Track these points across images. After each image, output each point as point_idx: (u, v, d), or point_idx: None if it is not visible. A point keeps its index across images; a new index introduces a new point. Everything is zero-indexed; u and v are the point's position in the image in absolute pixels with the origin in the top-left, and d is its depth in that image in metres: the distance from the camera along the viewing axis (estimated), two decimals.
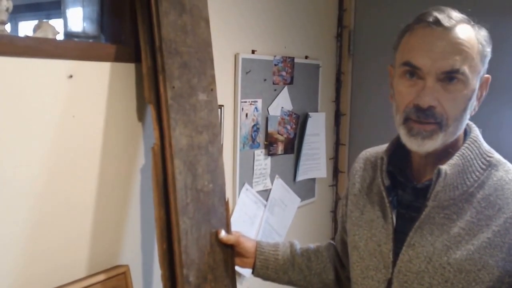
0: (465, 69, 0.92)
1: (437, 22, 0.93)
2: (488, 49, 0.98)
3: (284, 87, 1.95)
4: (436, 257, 0.95)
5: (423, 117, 0.94)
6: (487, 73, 1.00)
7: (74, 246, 1.16)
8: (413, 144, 0.97)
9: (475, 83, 0.95)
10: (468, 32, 0.95)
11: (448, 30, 0.93)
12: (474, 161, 0.98)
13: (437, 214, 0.97)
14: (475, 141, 1.00)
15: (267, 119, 1.87)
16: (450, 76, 0.92)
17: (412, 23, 0.98)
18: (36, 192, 1.06)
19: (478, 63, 0.95)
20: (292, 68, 1.97)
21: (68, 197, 1.13)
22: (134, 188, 1.30)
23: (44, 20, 1.13)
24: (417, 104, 0.94)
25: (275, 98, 1.90)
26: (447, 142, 0.97)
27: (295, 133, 2.05)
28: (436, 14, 0.94)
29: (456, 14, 0.96)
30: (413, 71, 0.95)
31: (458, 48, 0.93)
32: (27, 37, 1.08)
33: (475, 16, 0.99)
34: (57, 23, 1.17)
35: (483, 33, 0.97)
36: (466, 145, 0.99)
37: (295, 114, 2.02)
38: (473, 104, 0.98)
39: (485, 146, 1.02)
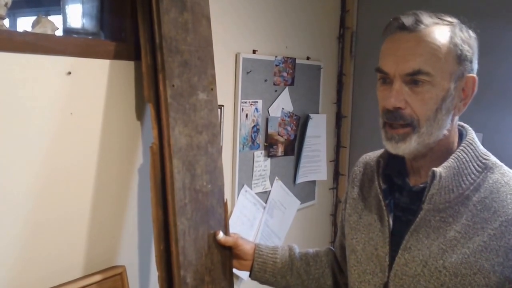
0: (429, 69, 0.93)
1: (403, 26, 0.95)
2: (469, 50, 0.96)
3: (285, 88, 1.93)
4: (432, 261, 0.95)
5: (392, 119, 0.96)
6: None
7: (70, 246, 1.14)
8: (389, 147, 1.00)
9: (447, 83, 0.94)
10: (437, 34, 0.94)
11: (413, 33, 0.95)
12: (470, 164, 0.97)
13: (433, 217, 0.97)
14: (470, 143, 0.99)
15: (267, 120, 1.86)
16: (416, 79, 0.93)
17: (384, 30, 1.00)
18: (32, 190, 1.05)
19: (449, 63, 0.94)
20: (293, 69, 1.96)
21: (64, 196, 1.12)
22: (131, 188, 1.29)
23: (43, 16, 1.12)
24: (385, 107, 0.97)
25: (276, 99, 1.89)
26: (424, 142, 0.97)
27: (295, 135, 2.03)
28: (402, 19, 0.96)
29: (428, 17, 0.96)
30: (385, 77, 0.98)
31: (421, 49, 0.93)
32: (25, 32, 1.07)
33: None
34: (56, 19, 1.16)
35: (464, 35, 0.96)
36: (461, 147, 0.99)
37: (295, 115, 2.01)
38: (451, 104, 0.96)
39: (481, 148, 1.01)
